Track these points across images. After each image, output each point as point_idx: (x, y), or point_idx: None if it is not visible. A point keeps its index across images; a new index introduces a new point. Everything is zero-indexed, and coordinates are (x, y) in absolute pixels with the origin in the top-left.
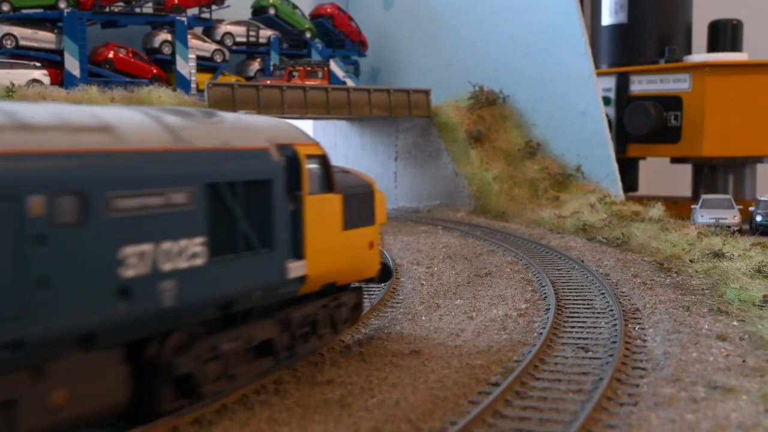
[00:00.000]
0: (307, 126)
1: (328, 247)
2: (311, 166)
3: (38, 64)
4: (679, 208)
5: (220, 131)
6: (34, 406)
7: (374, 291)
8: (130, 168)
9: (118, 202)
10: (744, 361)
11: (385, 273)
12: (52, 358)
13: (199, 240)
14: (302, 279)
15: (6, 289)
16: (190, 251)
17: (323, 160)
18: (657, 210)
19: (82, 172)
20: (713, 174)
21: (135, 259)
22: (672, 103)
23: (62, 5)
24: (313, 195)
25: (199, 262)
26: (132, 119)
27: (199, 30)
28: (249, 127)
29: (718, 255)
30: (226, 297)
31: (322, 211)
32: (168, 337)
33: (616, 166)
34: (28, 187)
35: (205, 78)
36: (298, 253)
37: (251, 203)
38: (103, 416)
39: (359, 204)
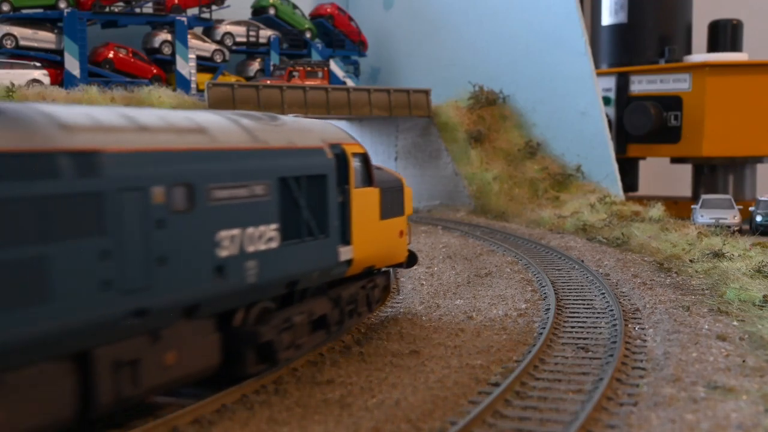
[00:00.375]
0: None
1: (368, 235)
2: (356, 162)
3: (38, 64)
4: (679, 208)
5: (285, 132)
6: (152, 365)
7: None
8: (223, 164)
9: (215, 193)
10: (744, 361)
11: (412, 259)
12: (166, 325)
13: (273, 227)
14: (349, 262)
15: (136, 265)
16: (267, 236)
17: (365, 157)
18: (657, 210)
19: (190, 167)
20: (713, 174)
21: (227, 242)
22: (672, 103)
23: (62, 5)
24: (357, 188)
25: (273, 245)
26: (218, 122)
27: (199, 30)
28: (306, 129)
29: (718, 255)
30: (293, 276)
31: (364, 203)
32: (251, 309)
33: (616, 166)
34: (152, 179)
35: (205, 78)
36: (346, 240)
37: (311, 195)
38: (201, 377)
39: (392, 197)
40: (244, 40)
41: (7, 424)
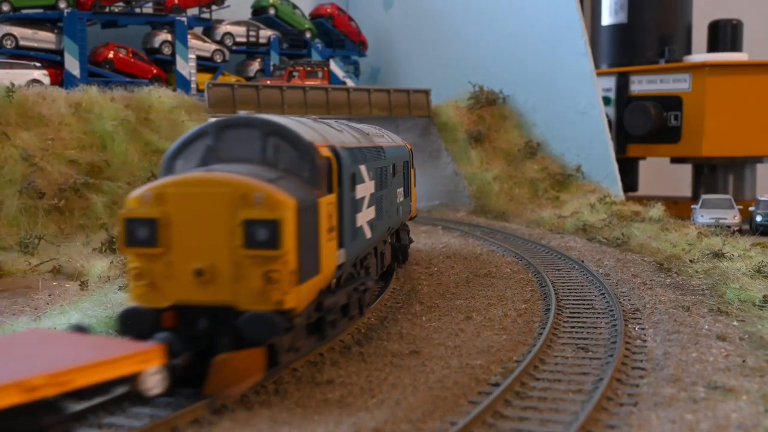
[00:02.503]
0: None
1: (414, 197)
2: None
3: (38, 64)
4: (679, 208)
5: (389, 135)
6: (386, 253)
7: (374, 290)
8: (394, 153)
9: (396, 169)
10: (744, 361)
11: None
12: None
13: (401, 190)
14: (412, 210)
15: (390, 204)
16: (401, 195)
17: (412, 151)
18: (657, 210)
19: (392, 155)
20: (713, 174)
21: (399, 195)
22: (672, 103)
23: (62, 5)
24: (412, 169)
25: (401, 199)
26: (368, 129)
27: (199, 30)
28: (390, 134)
29: (718, 255)
30: (403, 217)
31: (412, 177)
32: (395, 232)
33: (616, 166)
34: (392, 160)
35: (205, 78)
36: (410, 198)
37: (405, 172)
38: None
39: (413, 173)
40: (244, 40)
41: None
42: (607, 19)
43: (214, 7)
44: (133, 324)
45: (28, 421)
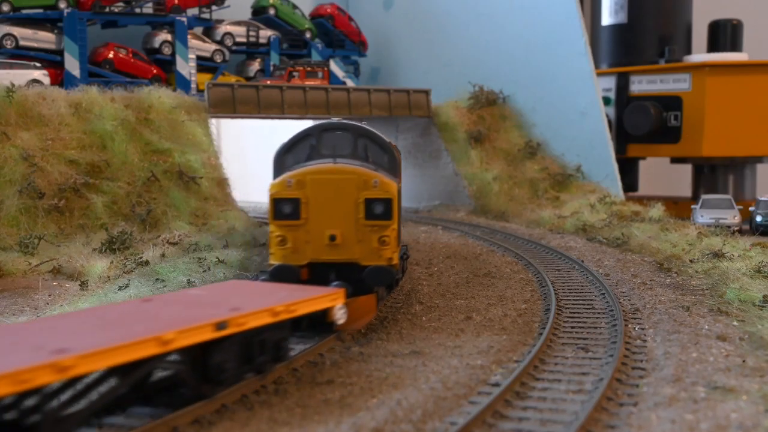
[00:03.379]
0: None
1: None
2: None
3: (38, 65)
4: (679, 208)
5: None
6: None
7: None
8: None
9: None
10: (744, 361)
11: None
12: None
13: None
14: None
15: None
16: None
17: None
18: (657, 210)
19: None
20: (713, 174)
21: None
22: (672, 103)
23: (62, 5)
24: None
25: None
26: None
27: (199, 30)
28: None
29: (718, 255)
30: None
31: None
32: None
33: (616, 166)
34: None
35: (205, 78)
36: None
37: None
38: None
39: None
40: (244, 40)
41: None
42: (607, 19)
43: (214, 7)
44: (282, 277)
45: (272, 335)
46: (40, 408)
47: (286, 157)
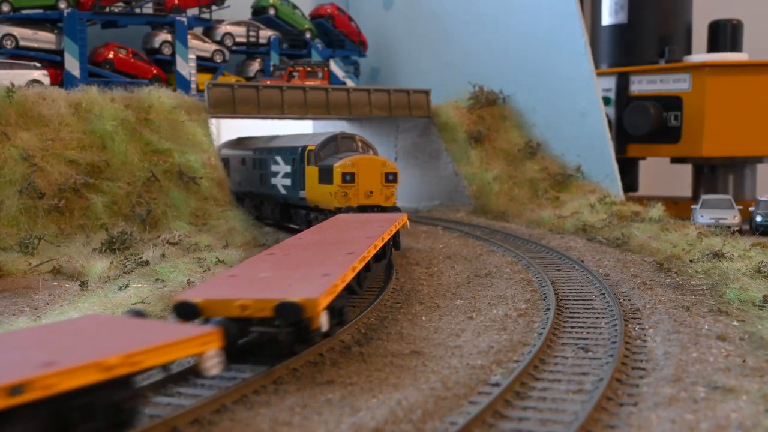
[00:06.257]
0: (307, 126)
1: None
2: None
3: (38, 65)
4: (679, 208)
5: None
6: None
7: (374, 291)
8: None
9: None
10: (744, 361)
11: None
12: None
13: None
14: None
15: None
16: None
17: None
18: (657, 210)
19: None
20: (713, 174)
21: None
22: (672, 103)
23: (62, 5)
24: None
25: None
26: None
27: (199, 30)
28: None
29: (718, 255)
30: None
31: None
32: None
33: (616, 166)
34: None
35: (205, 78)
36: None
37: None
38: None
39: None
40: (244, 40)
41: None
42: (607, 19)
43: (214, 8)
44: (345, 211)
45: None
46: None
47: (320, 152)
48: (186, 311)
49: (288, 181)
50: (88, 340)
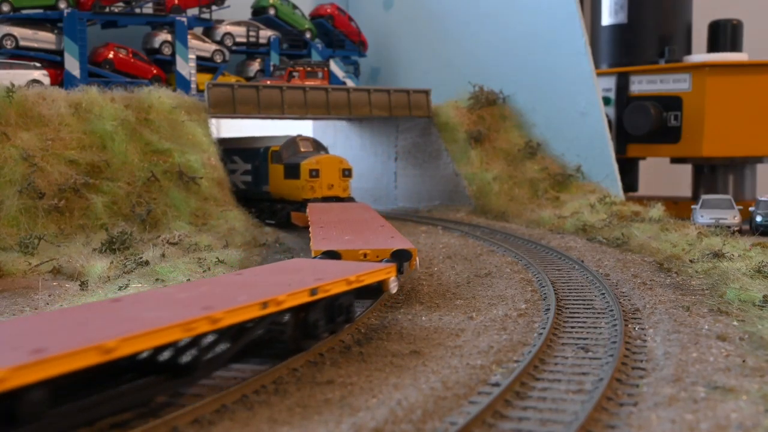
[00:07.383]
0: (307, 126)
1: None
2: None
3: (38, 65)
4: (679, 208)
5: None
6: None
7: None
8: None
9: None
10: (744, 361)
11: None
12: None
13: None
14: None
15: None
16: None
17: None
18: (657, 210)
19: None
20: (713, 174)
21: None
22: (672, 103)
23: (62, 5)
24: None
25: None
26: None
27: (199, 30)
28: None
29: (718, 255)
30: None
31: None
32: None
33: (616, 166)
34: None
35: (205, 78)
36: None
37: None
38: None
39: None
40: (244, 40)
41: None
42: (607, 19)
43: (214, 8)
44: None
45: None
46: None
47: (282, 152)
48: (332, 256)
49: (249, 178)
50: (329, 268)
